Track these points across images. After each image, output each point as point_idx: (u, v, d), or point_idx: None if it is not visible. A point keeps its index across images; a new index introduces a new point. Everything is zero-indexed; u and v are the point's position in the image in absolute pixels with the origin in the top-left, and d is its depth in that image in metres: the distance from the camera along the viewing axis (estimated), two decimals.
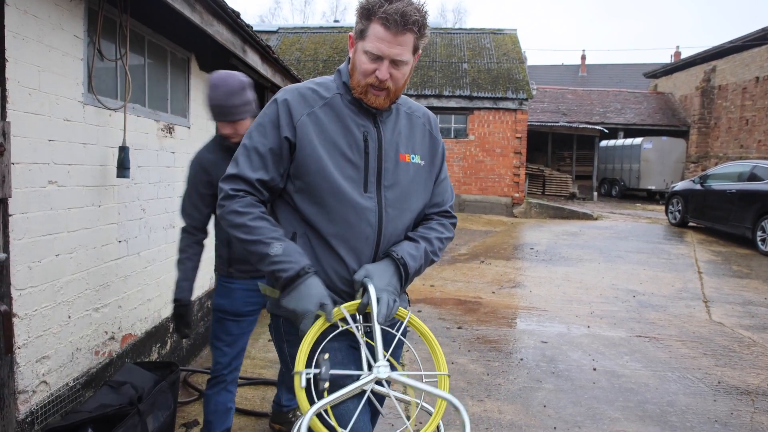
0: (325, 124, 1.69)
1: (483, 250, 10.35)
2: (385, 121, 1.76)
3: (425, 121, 1.88)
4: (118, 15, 3.16)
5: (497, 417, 3.64)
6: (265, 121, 1.71)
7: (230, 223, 1.66)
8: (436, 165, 1.88)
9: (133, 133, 3.39)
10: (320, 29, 21.29)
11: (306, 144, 1.66)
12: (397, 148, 1.76)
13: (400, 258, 1.71)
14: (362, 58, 1.65)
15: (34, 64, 2.51)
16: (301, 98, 1.70)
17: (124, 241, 3.39)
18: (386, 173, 1.73)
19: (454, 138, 17.27)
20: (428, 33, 1.70)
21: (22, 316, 2.48)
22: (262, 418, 3.51)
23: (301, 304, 1.59)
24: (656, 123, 24.92)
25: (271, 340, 1.94)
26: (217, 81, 2.57)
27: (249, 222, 1.64)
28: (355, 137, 1.70)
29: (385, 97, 1.68)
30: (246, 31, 4.36)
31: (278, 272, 1.61)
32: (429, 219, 1.88)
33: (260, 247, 1.62)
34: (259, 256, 1.63)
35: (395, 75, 1.65)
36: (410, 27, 1.60)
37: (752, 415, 3.80)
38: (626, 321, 6.01)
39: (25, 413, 2.52)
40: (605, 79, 40.52)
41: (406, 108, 1.85)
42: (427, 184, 1.84)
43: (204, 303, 4.77)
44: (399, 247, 1.74)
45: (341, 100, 1.72)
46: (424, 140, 1.85)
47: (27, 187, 2.48)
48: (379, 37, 1.60)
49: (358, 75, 1.67)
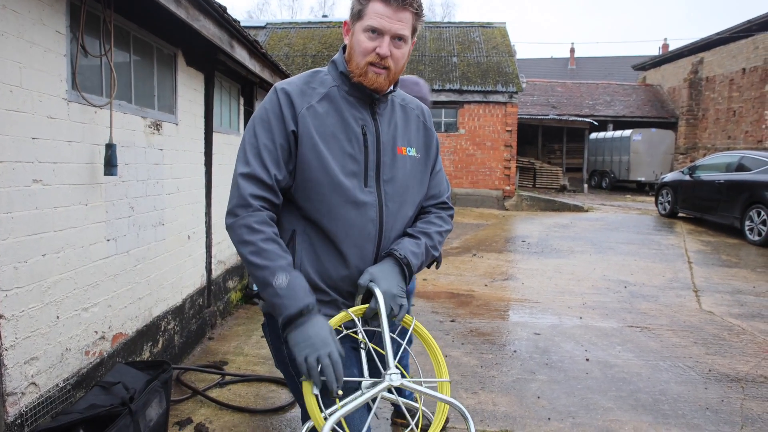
0: (324, 118, 1.65)
1: (475, 243, 10.36)
2: (382, 113, 1.73)
3: (419, 113, 1.86)
4: (101, 10, 3.11)
5: (491, 409, 3.64)
6: (269, 116, 1.64)
7: (239, 239, 1.58)
8: (431, 157, 1.86)
9: (119, 130, 3.35)
10: (309, 24, 21.17)
11: (307, 139, 1.62)
12: (394, 141, 1.74)
13: (403, 257, 1.67)
14: (361, 37, 1.62)
15: (15, 60, 2.46)
16: (300, 92, 1.66)
17: (113, 239, 3.35)
18: (384, 167, 1.70)
19: (445, 132, 17.27)
20: (424, 17, 1.69)
21: (8, 318, 2.44)
22: (256, 415, 3.49)
23: (304, 350, 1.51)
24: (645, 115, 25.03)
25: (264, 338, 1.90)
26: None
27: (260, 243, 1.56)
28: (354, 131, 1.66)
29: (385, 78, 1.64)
30: (233, 25, 4.32)
31: (279, 307, 1.55)
32: (427, 212, 1.86)
33: (266, 274, 1.55)
34: (262, 282, 1.56)
35: (395, 54, 1.63)
36: (410, 3, 1.60)
37: (742, 401, 3.83)
38: (618, 311, 6.03)
39: (14, 415, 2.48)
40: (594, 72, 40.66)
41: (400, 100, 1.83)
42: (423, 176, 1.82)
43: (195, 301, 4.74)
44: (400, 245, 1.70)
45: (338, 92, 1.68)
46: (419, 132, 1.83)
47: (11, 186, 2.44)
48: (379, 13, 1.59)
49: (357, 56, 1.63)
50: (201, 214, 4.91)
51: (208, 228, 5.04)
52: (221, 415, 3.47)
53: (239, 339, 4.90)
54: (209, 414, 3.48)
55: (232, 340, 4.88)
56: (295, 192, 1.66)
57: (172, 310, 4.25)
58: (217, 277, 5.37)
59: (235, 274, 5.99)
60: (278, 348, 1.76)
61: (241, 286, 6.15)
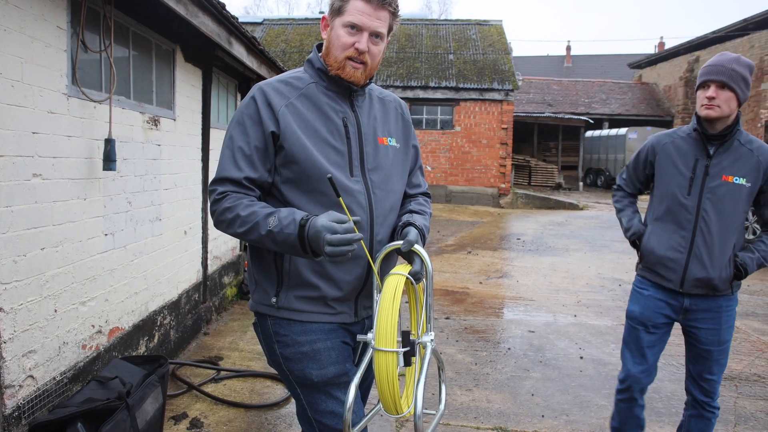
0: (304, 114, 1.69)
1: (470, 240, 10.39)
2: (361, 105, 1.79)
3: (396, 105, 1.93)
4: (101, 6, 3.12)
5: (485, 406, 3.67)
6: (244, 119, 1.69)
7: (225, 221, 1.64)
8: (410, 147, 1.93)
9: (118, 125, 3.35)
10: (306, 21, 21.14)
11: (290, 134, 1.65)
12: (374, 131, 1.79)
13: (421, 228, 1.75)
14: (340, 32, 1.67)
15: (16, 55, 2.47)
16: (276, 91, 1.70)
17: (111, 234, 3.36)
18: (368, 157, 1.75)
19: (441, 129, 17.29)
20: (399, 17, 1.77)
21: (7, 311, 2.45)
22: (250, 410, 3.51)
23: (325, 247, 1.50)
24: (641, 113, 25.11)
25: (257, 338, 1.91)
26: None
27: (241, 212, 1.60)
28: (335, 123, 1.71)
29: (362, 72, 1.70)
30: (231, 22, 4.32)
31: (289, 238, 1.55)
32: (413, 197, 1.93)
33: (260, 230, 1.58)
34: (266, 238, 1.58)
35: (372, 50, 1.69)
36: (389, 3, 1.67)
37: (735, 399, 3.87)
38: (612, 309, 6.08)
39: (12, 408, 2.50)
40: (590, 70, 40.71)
41: (377, 93, 1.89)
42: (404, 166, 1.89)
43: (191, 296, 4.75)
44: (412, 217, 1.78)
45: (316, 88, 1.74)
46: (398, 123, 1.89)
47: (11, 180, 2.45)
48: (359, 10, 1.65)
49: (336, 51, 1.69)
50: (198, 209, 4.92)
51: (204, 224, 5.05)
52: (216, 410, 3.49)
53: (234, 334, 4.91)
54: (204, 409, 3.50)
55: (227, 335, 4.89)
56: (283, 186, 1.70)
57: (168, 305, 4.26)
58: (213, 273, 5.38)
59: (231, 269, 6.01)
60: (270, 347, 1.78)
61: (236, 282, 6.16)
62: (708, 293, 2.49)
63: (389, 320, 1.53)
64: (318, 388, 1.72)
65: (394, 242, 1.69)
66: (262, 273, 1.76)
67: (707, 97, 2.38)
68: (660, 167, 2.58)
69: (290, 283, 1.70)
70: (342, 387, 1.72)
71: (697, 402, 2.63)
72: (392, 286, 1.57)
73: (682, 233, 2.48)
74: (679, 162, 2.51)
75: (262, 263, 1.75)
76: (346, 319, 1.76)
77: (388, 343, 1.52)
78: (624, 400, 2.73)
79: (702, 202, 2.44)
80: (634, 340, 2.67)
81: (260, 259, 1.75)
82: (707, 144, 2.46)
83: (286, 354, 1.73)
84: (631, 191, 2.79)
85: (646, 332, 2.63)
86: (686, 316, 2.57)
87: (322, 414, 1.73)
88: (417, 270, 1.63)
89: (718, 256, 2.43)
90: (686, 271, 2.47)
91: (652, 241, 2.58)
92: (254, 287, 1.81)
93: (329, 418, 1.72)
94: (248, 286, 6.01)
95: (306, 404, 1.75)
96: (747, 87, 2.39)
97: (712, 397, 2.59)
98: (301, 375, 1.72)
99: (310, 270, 1.68)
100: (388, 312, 1.54)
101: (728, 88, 2.35)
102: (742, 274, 2.45)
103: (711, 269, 2.43)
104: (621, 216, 2.78)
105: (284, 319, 1.72)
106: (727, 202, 2.42)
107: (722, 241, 2.43)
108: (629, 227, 2.71)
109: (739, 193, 2.41)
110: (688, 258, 2.47)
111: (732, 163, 2.43)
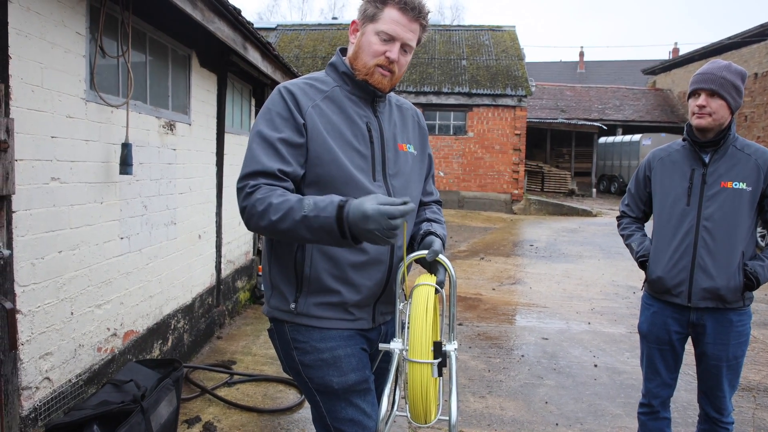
0: (330, 116, 1.69)
1: (482, 246, 10.35)
2: (383, 111, 1.80)
3: (413, 113, 1.95)
4: (119, 12, 3.15)
5: (499, 413, 3.65)
6: (273, 116, 1.65)
7: (257, 214, 1.52)
8: (426, 154, 1.95)
9: (134, 129, 3.38)
10: (318, 26, 21.26)
11: (316, 135, 1.64)
12: (395, 138, 1.80)
13: (442, 236, 1.78)
14: (373, 39, 1.67)
15: (37, 61, 2.50)
16: (303, 92, 1.69)
17: (126, 237, 3.39)
18: (389, 162, 1.76)
19: (453, 135, 17.28)
20: (426, 34, 1.78)
21: (25, 313, 2.48)
22: (263, 415, 3.51)
23: (371, 225, 1.42)
24: (655, 119, 24.92)
25: (272, 345, 1.88)
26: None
27: (274, 200, 1.51)
28: (359, 127, 1.71)
29: (389, 80, 1.71)
30: (247, 28, 4.35)
31: (327, 220, 1.46)
32: (428, 205, 1.96)
33: (295, 215, 1.48)
34: (301, 225, 1.48)
35: (401, 60, 1.70)
36: (423, 17, 1.69)
37: (754, 411, 3.81)
38: (627, 317, 6.02)
39: (28, 409, 2.52)
40: (603, 76, 40.51)
41: (395, 100, 1.91)
42: (421, 173, 1.90)
43: (205, 300, 4.77)
44: (431, 226, 1.80)
45: (341, 92, 1.74)
46: (415, 131, 1.91)
47: (30, 184, 2.48)
48: (395, 20, 1.65)
49: (366, 56, 1.68)
50: (212, 213, 4.95)
51: (218, 228, 5.07)
52: (229, 414, 3.50)
53: (247, 339, 4.92)
54: (217, 413, 3.51)
55: (240, 339, 4.91)
56: (306, 189, 1.67)
57: (182, 309, 4.28)
58: (227, 277, 5.40)
59: (244, 274, 6.03)
60: (288, 354, 1.74)
61: (249, 286, 6.18)
62: (717, 306, 2.43)
63: (423, 331, 1.53)
64: (338, 395, 1.69)
65: (419, 251, 1.68)
66: (280, 277, 1.72)
67: (698, 106, 2.38)
68: (657, 180, 2.56)
69: (310, 289, 1.67)
70: (362, 394, 1.71)
71: (708, 417, 2.58)
72: (423, 297, 1.57)
73: (683, 246, 2.44)
74: (676, 173, 2.49)
75: (281, 267, 1.71)
76: (364, 326, 1.74)
77: (422, 354, 1.52)
78: (644, 413, 2.69)
79: (702, 210, 2.40)
80: (647, 356, 2.65)
81: (279, 264, 1.72)
82: (701, 152, 2.44)
83: (305, 361, 1.71)
84: (635, 215, 2.74)
85: (657, 349, 2.60)
86: (694, 330, 2.53)
87: (342, 422, 1.70)
88: (441, 279, 1.64)
89: (724, 264, 2.38)
90: (692, 283, 2.43)
91: (657, 270, 2.53)
92: (270, 292, 1.76)
93: (349, 425, 1.69)
94: (261, 291, 6.03)
95: (325, 412, 1.72)
96: (739, 94, 2.37)
97: (723, 413, 2.53)
98: (322, 382, 1.70)
99: (331, 276, 1.66)
100: (422, 323, 1.53)
101: (718, 96, 2.34)
102: (753, 284, 2.38)
103: (717, 278, 2.38)
104: (631, 241, 2.71)
105: (303, 326, 1.69)
106: (728, 208, 2.38)
107: (728, 248, 2.38)
108: (639, 249, 2.63)
109: (740, 198, 2.38)
110: (692, 270, 2.42)
111: (729, 169, 2.40)
